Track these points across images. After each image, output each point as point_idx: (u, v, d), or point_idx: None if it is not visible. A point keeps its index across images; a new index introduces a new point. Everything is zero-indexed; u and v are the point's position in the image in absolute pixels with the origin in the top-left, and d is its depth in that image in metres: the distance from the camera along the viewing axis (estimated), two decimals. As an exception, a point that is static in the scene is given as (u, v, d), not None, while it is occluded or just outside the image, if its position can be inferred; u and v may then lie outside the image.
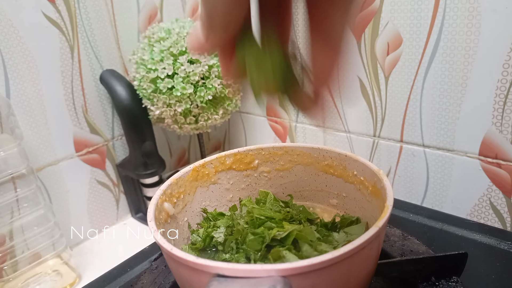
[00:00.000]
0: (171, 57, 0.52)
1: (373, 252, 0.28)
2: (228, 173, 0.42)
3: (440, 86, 0.47)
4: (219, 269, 0.24)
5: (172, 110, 0.54)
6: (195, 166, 0.40)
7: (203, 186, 0.41)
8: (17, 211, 0.48)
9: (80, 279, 0.51)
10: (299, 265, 0.23)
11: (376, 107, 0.53)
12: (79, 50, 0.55)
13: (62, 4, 0.52)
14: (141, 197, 0.63)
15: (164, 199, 0.35)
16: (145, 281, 0.40)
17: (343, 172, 0.39)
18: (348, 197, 0.39)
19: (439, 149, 0.50)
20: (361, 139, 0.57)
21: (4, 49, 0.48)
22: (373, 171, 0.34)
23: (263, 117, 0.68)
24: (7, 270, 0.48)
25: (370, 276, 0.30)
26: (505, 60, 0.41)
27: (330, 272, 0.25)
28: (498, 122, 0.44)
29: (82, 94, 0.57)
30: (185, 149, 0.75)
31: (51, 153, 0.55)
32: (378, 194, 0.34)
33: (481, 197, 0.48)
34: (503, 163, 0.45)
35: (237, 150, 0.42)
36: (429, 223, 0.46)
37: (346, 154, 0.38)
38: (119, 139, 0.62)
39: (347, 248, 0.24)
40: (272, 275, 0.23)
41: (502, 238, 0.42)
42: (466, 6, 0.42)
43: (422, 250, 0.39)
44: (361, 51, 0.51)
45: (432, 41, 0.45)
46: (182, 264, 0.26)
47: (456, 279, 0.35)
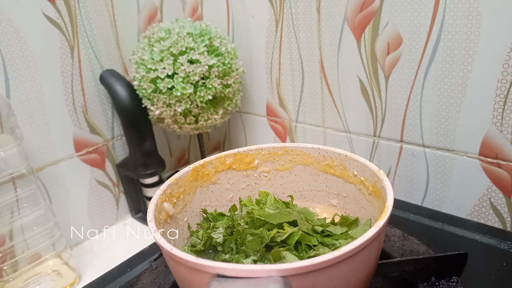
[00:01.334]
0: (171, 57, 0.52)
1: (373, 252, 0.28)
2: (228, 173, 0.42)
3: (440, 86, 0.47)
4: (219, 269, 0.24)
5: (172, 110, 0.54)
6: (195, 166, 0.40)
7: (203, 186, 0.41)
8: (17, 211, 0.48)
9: (80, 279, 0.51)
10: (299, 265, 0.23)
11: (376, 107, 0.53)
12: (79, 50, 0.55)
13: (62, 4, 0.52)
14: (141, 197, 0.63)
15: (164, 199, 0.35)
16: (145, 281, 0.40)
17: (343, 172, 0.39)
18: (348, 197, 0.39)
19: (439, 149, 0.50)
20: (361, 139, 0.57)
21: (4, 49, 0.48)
22: (373, 171, 0.34)
23: (263, 117, 0.68)
24: (7, 270, 0.48)
25: (370, 276, 0.30)
26: (505, 60, 0.41)
27: (330, 272, 0.25)
28: (498, 122, 0.44)
29: (82, 94, 0.57)
30: (185, 149, 0.75)
31: (51, 153, 0.55)
32: (378, 194, 0.34)
33: (481, 197, 0.48)
34: (503, 163, 0.45)
35: (237, 150, 0.42)
36: (429, 223, 0.46)
37: (346, 154, 0.38)
38: (119, 139, 0.62)
39: (347, 248, 0.24)
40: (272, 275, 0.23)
41: (502, 238, 0.42)
42: (466, 6, 0.42)
43: (422, 250, 0.39)
44: (361, 51, 0.51)
45: (432, 41, 0.45)
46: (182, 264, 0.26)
47: (456, 279, 0.35)
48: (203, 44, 0.53)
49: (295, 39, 0.58)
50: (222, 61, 0.54)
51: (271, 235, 0.32)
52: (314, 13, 0.54)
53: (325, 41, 0.54)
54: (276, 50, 0.61)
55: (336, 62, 0.55)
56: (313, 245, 0.32)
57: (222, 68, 0.54)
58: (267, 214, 0.35)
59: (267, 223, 0.34)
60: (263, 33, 0.61)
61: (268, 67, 0.63)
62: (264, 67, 0.64)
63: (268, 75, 0.64)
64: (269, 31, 0.60)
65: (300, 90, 0.61)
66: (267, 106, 0.67)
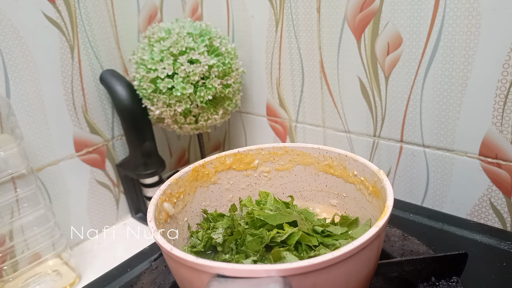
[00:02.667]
0: (171, 57, 0.52)
1: (373, 253, 0.28)
2: (228, 173, 0.42)
3: (440, 86, 0.47)
4: (219, 269, 0.24)
5: (172, 110, 0.54)
6: (195, 166, 0.40)
7: (203, 186, 0.41)
8: (17, 211, 0.48)
9: (80, 279, 0.51)
10: (299, 265, 0.23)
11: (376, 107, 0.53)
12: (79, 50, 0.55)
13: (62, 4, 0.52)
14: (141, 197, 0.63)
15: (164, 199, 0.35)
16: (145, 281, 0.40)
17: (343, 172, 0.39)
18: (348, 197, 0.39)
19: (439, 149, 0.50)
20: (361, 139, 0.57)
21: (4, 49, 0.48)
22: (373, 171, 0.34)
23: (263, 117, 0.68)
24: (7, 270, 0.48)
25: (370, 276, 0.30)
26: (505, 60, 0.41)
27: (330, 272, 0.25)
28: (498, 122, 0.44)
29: (82, 94, 0.57)
30: (185, 149, 0.75)
31: (51, 153, 0.55)
32: (378, 194, 0.34)
33: (481, 197, 0.48)
34: (503, 163, 0.45)
35: (237, 150, 0.42)
36: (429, 223, 0.46)
37: (346, 154, 0.38)
38: (119, 139, 0.62)
39: (347, 248, 0.24)
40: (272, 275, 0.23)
41: (502, 238, 0.42)
42: (466, 6, 0.42)
43: (422, 250, 0.39)
44: (361, 51, 0.51)
45: (432, 41, 0.45)
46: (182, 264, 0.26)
47: (456, 279, 0.35)
48: (203, 44, 0.53)
49: (295, 39, 0.58)
50: (222, 61, 0.54)
51: (271, 235, 0.32)
52: (314, 13, 0.54)
53: (325, 41, 0.54)
54: (276, 50, 0.61)
55: (336, 62, 0.55)
56: (314, 245, 0.32)
57: (222, 68, 0.54)
58: (267, 215, 0.35)
59: (267, 223, 0.34)
60: (263, 33, 0.61)
61: (268, 67, 0.63)
62: (264, 67, 0.64)
63: (268, 75, 0.64)
64: (269, 31, 0.60)
65: (300, 90, 0.61)
66: (267, 106, 0.67)
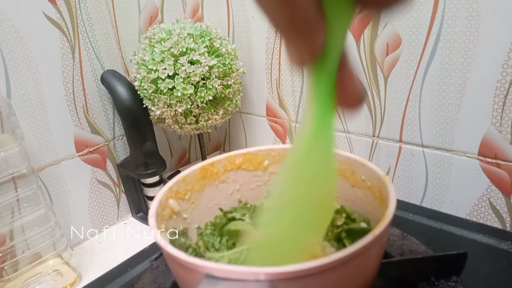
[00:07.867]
0: (171, 57, 0.52)
1: (370, 261, 0.27)
2: (237, 173, 0.41)
3: (439, 87, 0.47)
4: (209, 269, 0.24)
5: (173, 110, 0.54)
6: (204, 165, 0.39)
7: (211, 185, 0.40)
8: (17, 211, 0.48)
9: (81, 279, 0.51)
10: (286, 270, 0.23)
11: (375, 107, 0.53)
12: (80, 50, 0.55)
13: (63, 5, 0.52)
14: (141, 197, 0.64)
15: (170, 196, 0.35)
16: (145, 281, 0.40)
17: (351, 176, 0.38)
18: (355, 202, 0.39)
19: (438, 149, 0.50)
20: (360, 139, 0.57)
21: (5, 50, 0.48)
22: (379, 176, 0.34)
23: (263, 117, 0.68)
24: (8, 270, 0.48)
25: (370, 282, 0.29)
26: (504, 60, 0.41)
27: (320, 279, 0.24)
28: (498, 122, 0.44)
29: (83, 94, 0.57)
30: (185, 149, 0.75)
31: (52, 153, 0.55)
32: (383, 200, 0.33)
33: (481, 197, 0.48)
34: (502, 163, 0.45)
35: (247, 150, 0.41)
36: (429, 223, 0.46)
37: (355, 158, 0.37)
38: (120, 139, 0.63)
39: (337, 256, 0.24)
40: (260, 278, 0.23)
41: (502, 238, 0.42)
42: (465, 7, 0.42)
43: (422, 250, 0.39)
44: (360, 52, 0.52)
45: (431, 41, 0.45)
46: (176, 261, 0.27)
47: (456, 279, 0.35)
48: (204, 45, 0.53)
49: (295, 39, 0.58)
50: (222, 62, 0.54)
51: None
52: (314, 14, 0.54)
53: (325, 42, 0.55)
54: (276, 51, 0.61)
55: (336, 63, 0.55)
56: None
57: (223, 68, 0.54)
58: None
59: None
60: (263, 34, 0.61)
61: (268, 67, 0.64)
62: (264, 67, 0.64)
63: (268, 75, 0.64)
64: (269, 32, 0.61)
65: (300, 91, 0.61)
66: (267, 106, 0.67)
